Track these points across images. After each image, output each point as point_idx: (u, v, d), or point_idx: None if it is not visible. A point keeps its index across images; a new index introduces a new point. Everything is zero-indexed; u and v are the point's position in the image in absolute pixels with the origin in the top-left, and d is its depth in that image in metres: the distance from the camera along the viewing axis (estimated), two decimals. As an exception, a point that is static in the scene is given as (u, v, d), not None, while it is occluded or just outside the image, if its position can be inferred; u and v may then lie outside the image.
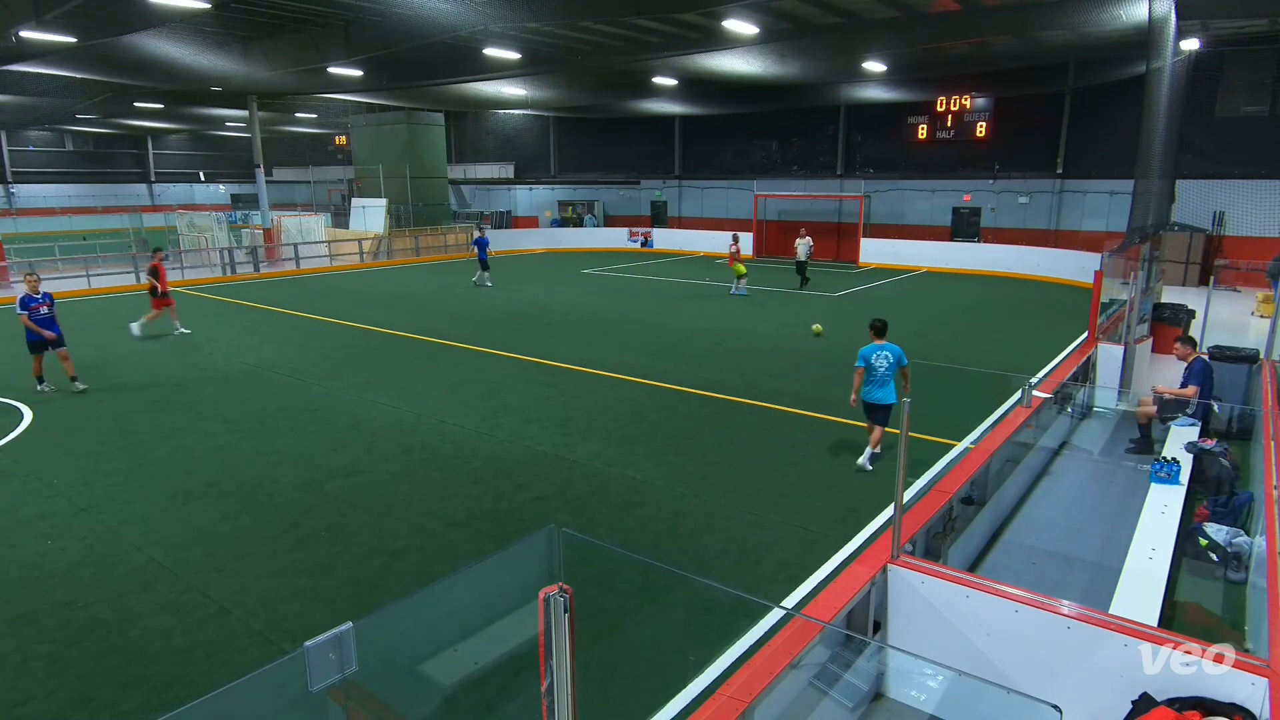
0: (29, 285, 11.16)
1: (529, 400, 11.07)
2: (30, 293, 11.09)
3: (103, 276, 24.12)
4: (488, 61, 22.23)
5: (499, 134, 42.10)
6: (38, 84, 28.66)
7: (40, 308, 11.12)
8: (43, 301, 11.16)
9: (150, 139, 60.41)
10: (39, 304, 11.12)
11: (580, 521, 7.12)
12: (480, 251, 23.62)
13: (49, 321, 11.21)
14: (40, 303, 11.13)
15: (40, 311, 11.11)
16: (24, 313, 11.00)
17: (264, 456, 8.81)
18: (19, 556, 6.48)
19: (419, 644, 3.50)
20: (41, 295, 11.17)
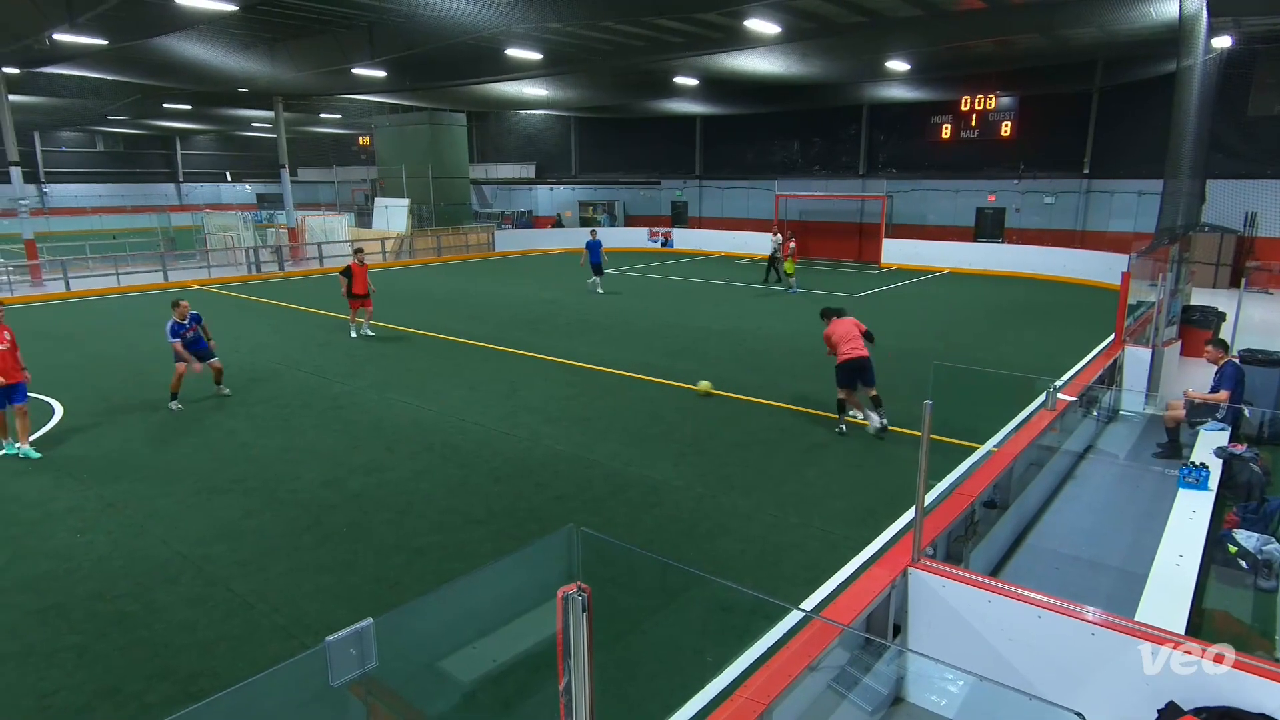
0: (179, 313, 10.67)
1: (549, 400, 11.10)
2: (179, 320, 10.64)
3: (131, 275, 24.56)
4: (510, 62, 22.34)
5: (520, 134, 42.28)
6: (70, 86, 29.21)
7: (189, 332, 10.71)
8: (191, 325, 10.75)
9: (178, 140, 61.36)
10: (188, 329, 10.72)
11: (599, 521, 7.14)
12: (593, 254, 22.08)
13: (197, 342, 10.85)
14: (189, 327, 10.72)
15: (188, 336, 10.70)
16: (176, 340, 10.59)
17: (287, 454, 8.91)
18: (49, 549, 6.61)
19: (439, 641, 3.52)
20: (189, 319, 10.74)
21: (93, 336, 15.76)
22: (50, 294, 21.71)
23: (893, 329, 16.42)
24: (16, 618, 5.57)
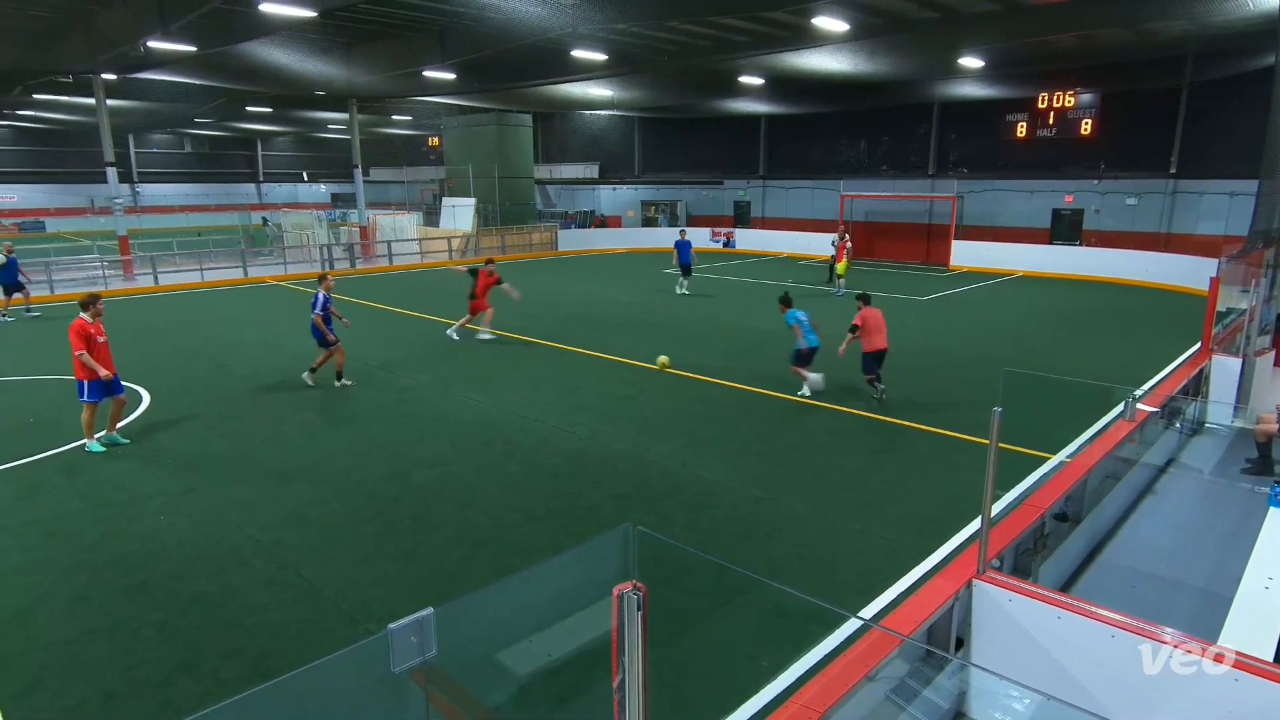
0: (326, 286, 11.43)
1: (608, 399, 11.17)
2: (327, 293, 11.36)
3: (215, 270, 25.73)
4: (575, 63, 22.57)
5: (584, 134, 42.64)
6: (162, 91, 30.78)
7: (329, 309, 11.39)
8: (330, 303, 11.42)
9: (259, 141, 64.02)
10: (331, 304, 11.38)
11: (655, 520, 7.15)
12: (682, 255, 21.20)
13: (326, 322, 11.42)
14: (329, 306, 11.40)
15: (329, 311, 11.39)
16: (321, 314, 11.22)
17: (355, 445, 9.20)
18: (137, 530, 6.98)
19: (496, 633, 3.58)
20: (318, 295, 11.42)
21: (177, 329, 16.57)
22: (140, 288, 22.92)
23: (960, 333, 15.95)
24: (106, 593, 5.90)
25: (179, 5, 16.32)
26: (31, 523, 7.09)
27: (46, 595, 5.87)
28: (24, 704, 4.65)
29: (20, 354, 14.15)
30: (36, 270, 23.85)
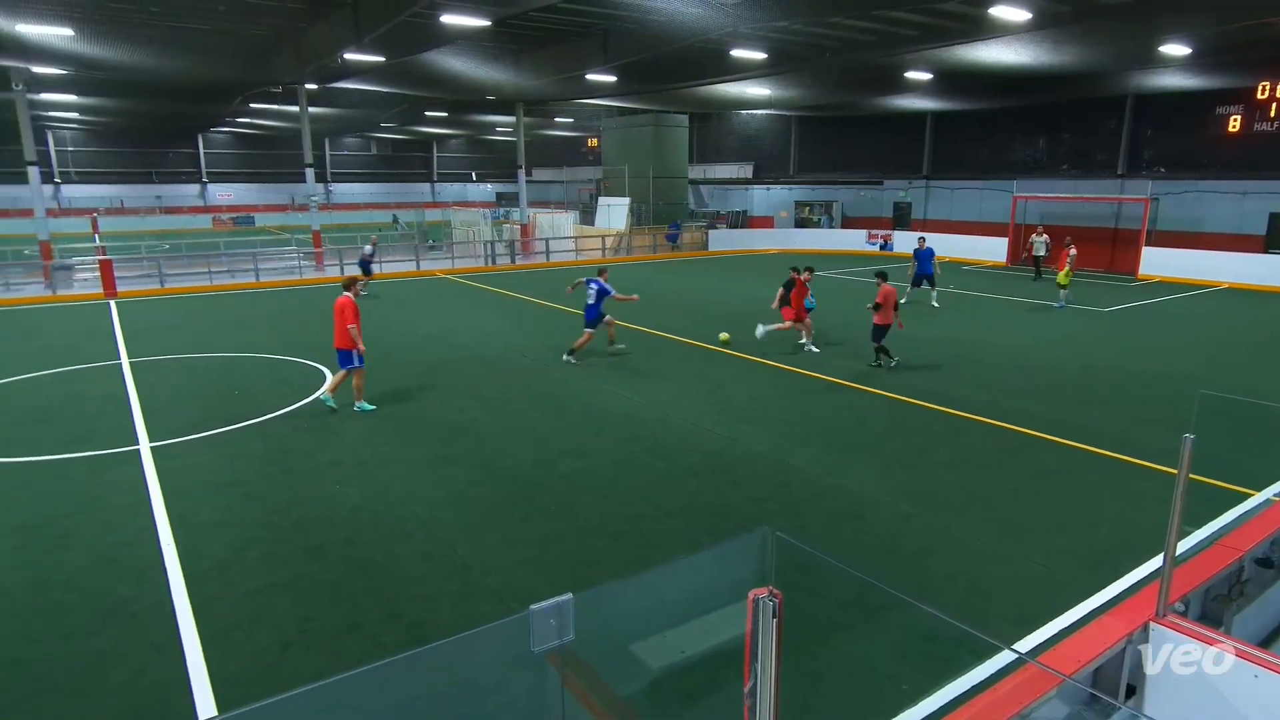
0: (605, 276, 13.21)
1: (751, 400, 11.06)
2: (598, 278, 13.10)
3: (392, 263, 27.91)
4: (734, 62, 22.49)
5: (740, 134, 42.39)
6: (353, 98, 33.80)
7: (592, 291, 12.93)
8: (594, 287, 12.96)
9: (435, 143, 68.73)
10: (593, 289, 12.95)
11: (794, 527, 7.00)
12: (922, 264, 19.20)
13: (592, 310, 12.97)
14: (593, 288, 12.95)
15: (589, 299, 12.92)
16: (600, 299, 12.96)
17: (508, 432, 9.67)
18: (317, 496, 7.71)
19: (630, 624, 3.65)
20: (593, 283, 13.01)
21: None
22: (329, 278, 25.26)
23: (1148, 349, 14.45)
24: (291, 551, 6.57)
25: (372, 19, 17.83)
26: (233, 484, 8.01)
27: (241, 549, 6.62)
28: (220, 643, 5.27)
29: (225, 332, 16.00)
30: (244, 260, 26.92)
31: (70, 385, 11.94)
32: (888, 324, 12.40)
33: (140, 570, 6.24)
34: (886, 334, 12.50)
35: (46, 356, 13.77)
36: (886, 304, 12.26)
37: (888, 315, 12.33)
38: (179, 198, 59.19)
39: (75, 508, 7.42)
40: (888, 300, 12.26)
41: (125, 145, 56.86)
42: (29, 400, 11.14)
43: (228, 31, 22.16)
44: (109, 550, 6.59)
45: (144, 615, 5.61)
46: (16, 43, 20.09)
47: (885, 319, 12.37)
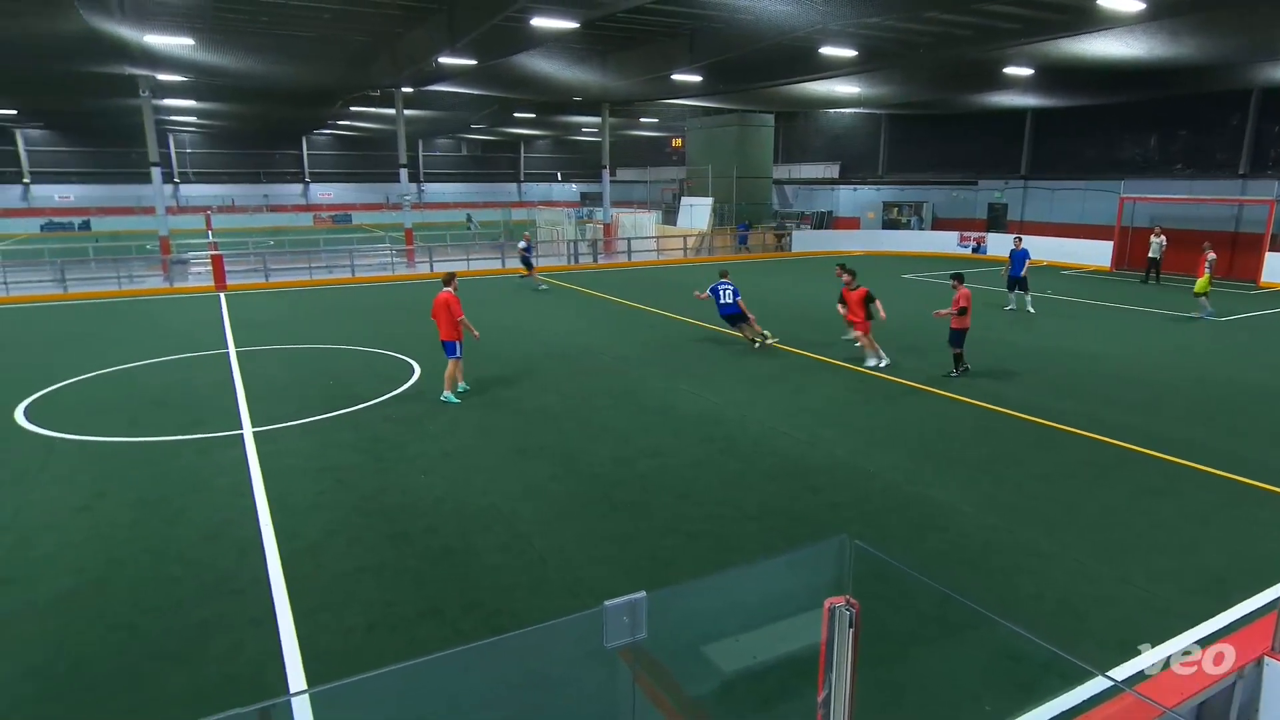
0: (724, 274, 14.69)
1: (832, 403, 10.85)
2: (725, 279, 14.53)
3: (479, 260, 28.68)
4: (822, 60, 22.06)
5: (827, 133, 41.59)
6: (446, 101, 34.86)
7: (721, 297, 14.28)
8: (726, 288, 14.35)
9: (522, 144, 70.23)
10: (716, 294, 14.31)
11: (874, 535, 6.83)
12: (1015, 266, 18.39)
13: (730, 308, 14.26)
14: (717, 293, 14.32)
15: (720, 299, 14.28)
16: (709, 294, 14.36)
17: (586, 429, 9.79)
18: (403, 485, 8.00)
19: (704, 625, 3.64)
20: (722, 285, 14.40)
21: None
22: (419, 274, 26.16)
23: (1268, 362, 13.40)
24: (377, 538, 6.84)
25: (465, 24, 18.35)
26: (326, 470, 8.40)
27: (333, 533, 6.93)
28: (310, 621, 5.53)
29: (322, 324, 16.77)
30: (341, 256, 28.16)
31: (184, 372, 12.77)
32: (966, 329, 12.05)
33: (241, 548, 6.63)
34: (964, 339, 12.10)
35: (164, 344, 14.78)
36: (968, 308, 11.95)
37: (966, 319, 11.99)
38: (284, 196, 62.52)
39: (186, 486, 7.94)
40: (968, 304, 11.94)
41: (236, 147, 60.54)
42: (149, 384, 11.98)
43: (331, 39, 23.24)
44: (214, 528, 7.03)
45: (243, 591, 5.95)
46: (145, 53, 21.63)
47: (963, 323, 12.00)
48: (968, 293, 12.01)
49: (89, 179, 56.37)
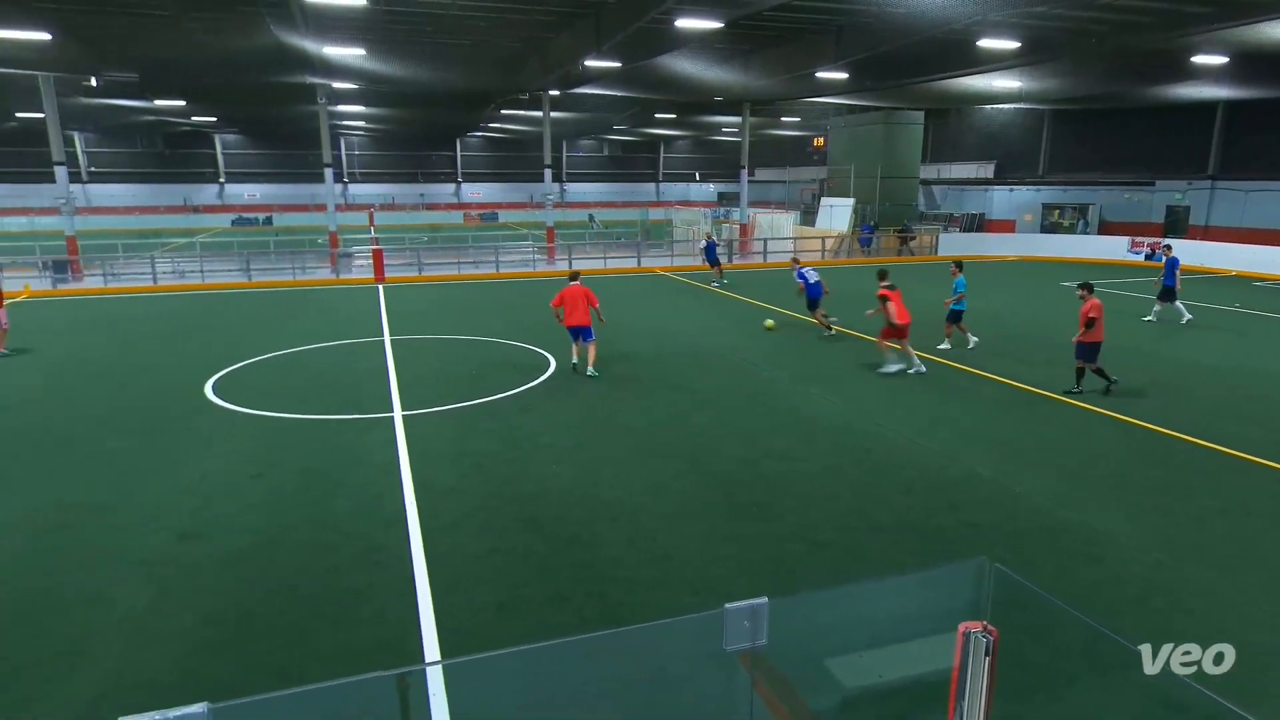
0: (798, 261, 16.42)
1: (976, 417, 10.25)
2: (800, 266, 16.31)
3: (617, 259, 29.28)
4: (981, 53, 20.86)
5: (981, 131, 39.32)
6: (589, 103, 35.80)
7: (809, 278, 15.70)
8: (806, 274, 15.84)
9: (662, 144, 70.98)
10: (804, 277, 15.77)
11: (1017, 560, 6.39)
12: (1168, 275, 17.04)
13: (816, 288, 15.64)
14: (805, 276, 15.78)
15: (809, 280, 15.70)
16: (800, 281, 15.79)
17: (714, 429, 9.77)
18: (535, 473, 8.31)
19: (827, 637, 3.55)
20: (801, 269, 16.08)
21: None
22: (558, 271, 27.04)
23: None
24: (508, 523, 7.15)
25: (611, 27, 18.77)
26: (465, 454, 8.86)
27: (468, 515, 7.31)
28: (446, 599, 5.86)
29: (468, 317, 17.67)
30: (487, 252, 29.58)
31: (345, 356, 13.87)
32: (1098, 342, 11.08)
33: (388, 522, 7.12)
34: (1099, 353, 11.14)
35: (329, 330, 16.11)
36: (1098, 319, 11.00)
37: (1098, 332, 11.03)
38: (438, 195, 66.56)
39: (344, 462, 8.62)
40: (1098, 315, 11.01)
41: (398, 149, 65.10)
42: (315, 367, 13.11)
43: (486, 45, 24.45)
44: (366, 502, 7.59)
45: (388, 563, 6.39)
46: (324, 63, 23.65)
47: (1094, 336, 11.03)
48: (1098, 303, 11.00)
49: (273, 179, 62.42)
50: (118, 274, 25.54)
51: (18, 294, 21.42)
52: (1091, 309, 10.91)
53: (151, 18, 20.59)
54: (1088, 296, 11.12)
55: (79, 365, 13.36)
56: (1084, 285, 11.41)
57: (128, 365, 13.41)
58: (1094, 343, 11.04)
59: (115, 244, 32.36)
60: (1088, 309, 10.95)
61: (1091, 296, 11.10)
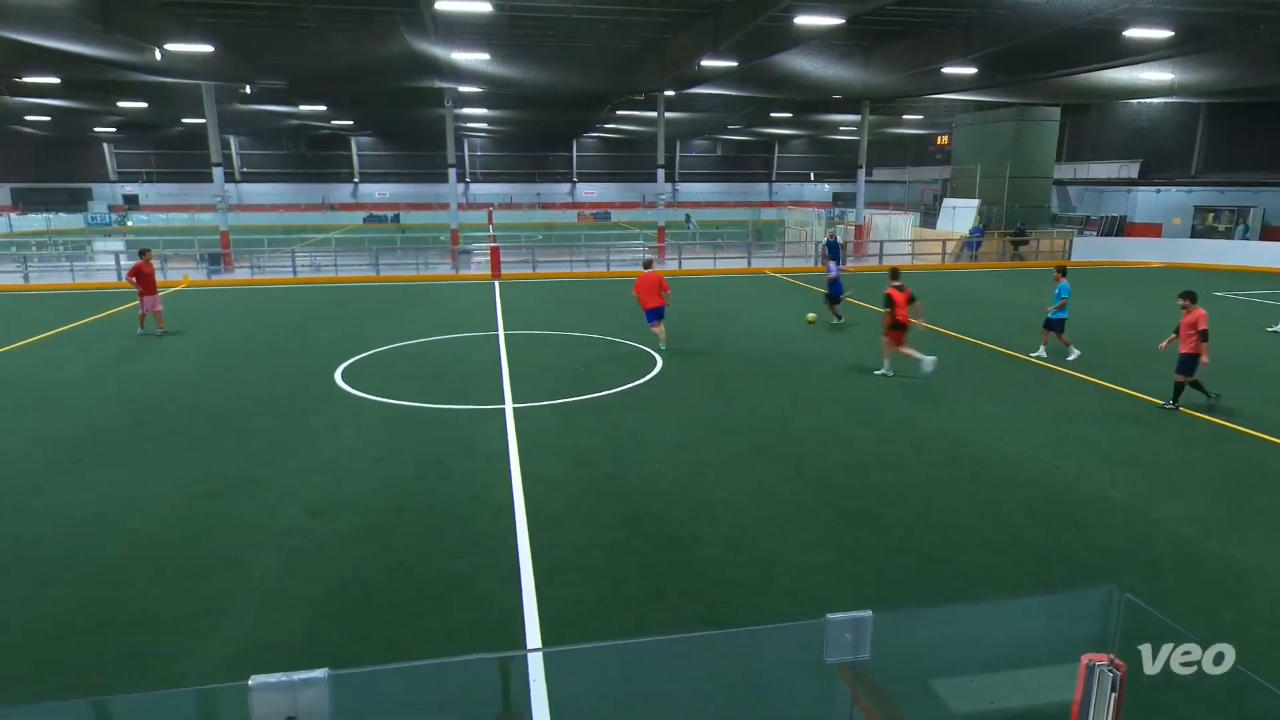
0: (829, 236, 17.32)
1: (1109, 434, 9.54)
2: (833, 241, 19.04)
3: (726, 260, 29.13)
4: (1128, 44, 19.38)
5: (1125, 127, 36.56)
6: (704, 102, 35.75)
7: (835, 274, 16.99)
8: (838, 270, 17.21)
9: (776, 144, 69.99)
10: (835, 273, 17.02)
11: (1152, 592, 5.90)
12: None
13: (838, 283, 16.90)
14: (836, 272, 17.07)
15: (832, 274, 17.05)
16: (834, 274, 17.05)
17: (818, 433, 9.56)
18: (637, 470, 8.39)
19: (935, 657, 3.40)
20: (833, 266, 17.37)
21: (689, 307, 19.22)
22: (668, 270, 27.16)
23: None
24: (610, 518, 7.25)
25: (729, 26, 18.67)
26: (569, 448, 9.05)
27: (571, 508, 7.46)
28: (548, 589, 6.01)
29: (578, 314, 18.02)
30: (599, 251, 30.08)
31: (462, 349, 14.47)
32: (1196, 353, 10.29)
33: (496, 510, 7.38)
34: (1196, 367, 10.34)
35: (447, 324, 16.86)
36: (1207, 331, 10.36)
37: (1198, 344, 10.30)
38: (554, 195, 68.34)
39: (457, 450, 9.00)
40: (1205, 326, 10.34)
41: (515, 150, 67.32)
42: (434, 358, 13.75)
43: (605, 47, 24.88)
44: (476, 489, 7.89)
45: (495, 550, 6.62)
46: (451, 67, 24.74)
47: (1194, 347, 10.31)
48: (1204, 314, 10.28)
49: (401, 179, 65.94)
50: (263, 266, 27.71)
51: (178, 283, 23.60)
52: (1200, 319, 10.24)
53: (299, 29, 22.20)
54: (1191, 306, 10.40)
55: (228, 349, 14.57)
56: (1187, 294, 10.54)
57: (269, 350, 14.51)
58: (1193, 355, 10.34)
59: (261, 239, 35.10)
60: (1194, 319, 10.27)
61: (1196, 306, 10.40)
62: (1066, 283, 13.50)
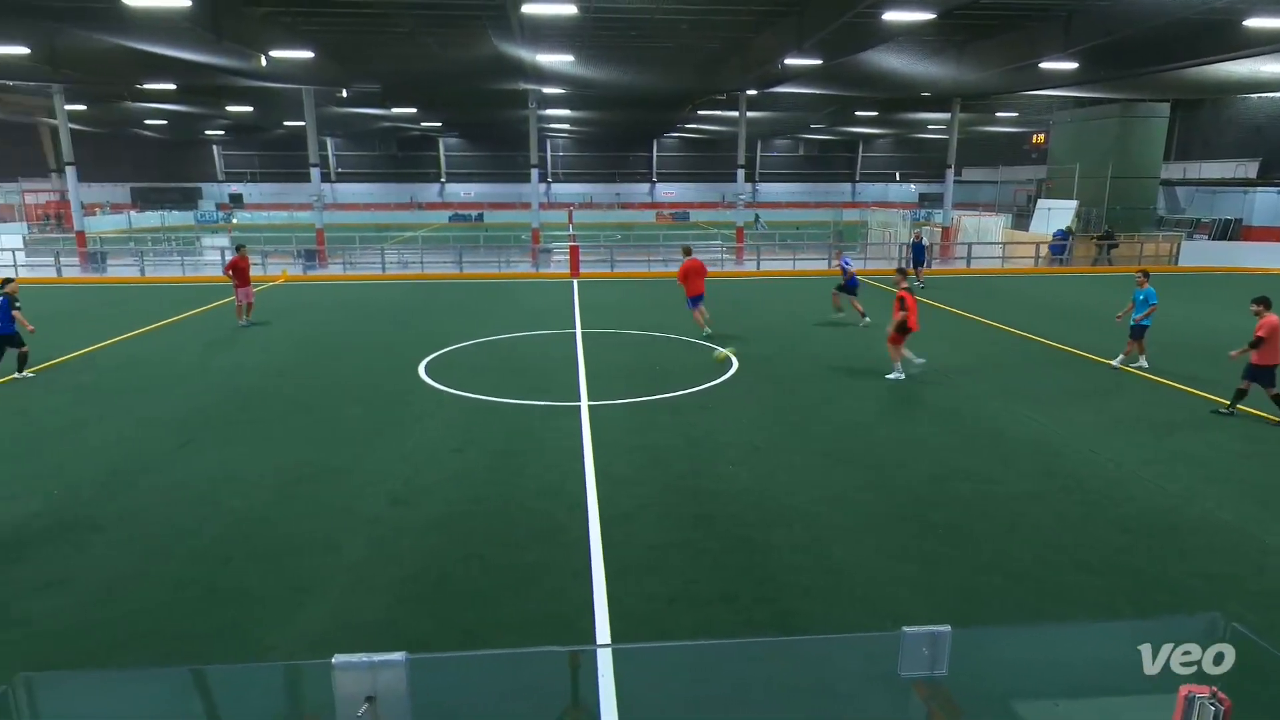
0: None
1: (1219, 453, 8.94)
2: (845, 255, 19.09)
3: (805, 261, 28.68)
4: (1247, 35, 18.10)
5: (1243, 124, 34.16)
6: (787, 102, 35.28)
7: (850, 273, 17.24)
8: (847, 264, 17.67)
9: (860, 143, 68.44)
10: (847, 266, 17.55)
11: (1262, 623, 5.50)
12: None
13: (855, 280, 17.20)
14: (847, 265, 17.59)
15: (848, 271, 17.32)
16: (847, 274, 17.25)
17: (898, 441, 9.30)
18: (711, 471, 8.35)
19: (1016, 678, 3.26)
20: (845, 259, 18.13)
21: (763, 307, 19.03)
22: (746, 271, 26.97)
23: None
24: (683, 517, 7.24)
25: (814, 23, 18.36)
26: (643, 447, 9.09)
27: (644, 506, 7.49)
28: (619, 585, 6.05)
29: (654, 313, 18.06)
30: (675, 251, 30.05)
31: (540, 346, 14.73)
32: (1276, 363, 9.77)
33: (569, 505, 7.48)
34: (1274, 376, 9.81)
35: (527, 320, 17.19)
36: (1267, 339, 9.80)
37: (1271, 352, 9.80)
38: (633, 195, 68.74)
39: (532, 444, 9.17)
40: (1268, 334, 9.77)
41: (596, 150, 68.05)
42: (513, 354, 14.04)
43: (687, 47, 24.85)
44: (551, 484, 8.02)
45: (568, 544, 6.71)
46: (536, 69, 25.21)
47: (1270, 357, 9.79)
48: (1275, 320, 9.71)
49: (486, 179, 67.63)
50: (354, 263, 28.90)
51: (277, 278, 24.86)
52: (1263, 327, 9.75)
53: (393, 34, 23.06)
54: (1264, 313, 9.87)
55: (322, 341, 15.26)
56: (1260, 300, 9.95)
57: (359, 343, 15.12)
58: (1270, 365, 9.80)
59: (354, 236, 36.59)
60: (1270, 325, 9.72)
61: (1269, 314, 9.83)
62: (1152, 287, 12.67)
